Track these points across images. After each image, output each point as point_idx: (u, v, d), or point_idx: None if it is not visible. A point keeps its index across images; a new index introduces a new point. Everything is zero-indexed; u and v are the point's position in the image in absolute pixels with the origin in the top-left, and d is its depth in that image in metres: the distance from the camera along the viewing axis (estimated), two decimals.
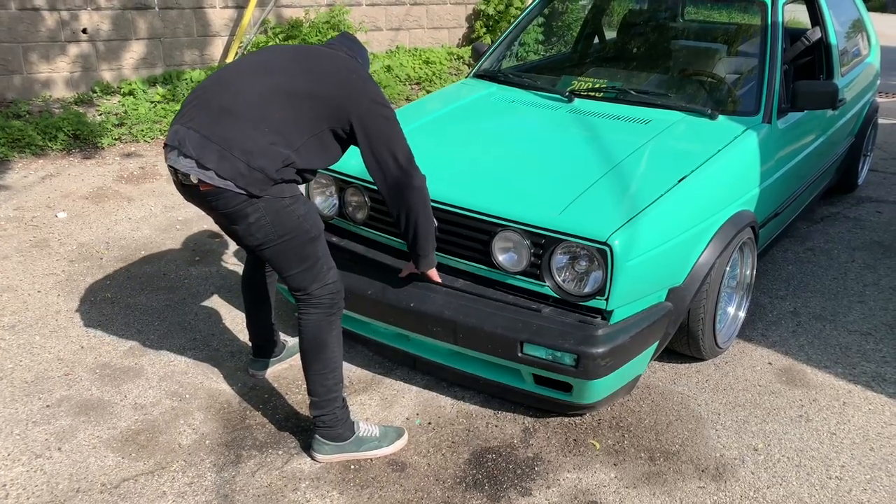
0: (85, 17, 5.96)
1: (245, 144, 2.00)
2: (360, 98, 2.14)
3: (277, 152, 2.03)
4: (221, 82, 2.11)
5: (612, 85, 3.40)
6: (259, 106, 2.04)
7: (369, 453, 2.32)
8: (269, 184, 2.02)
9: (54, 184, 4.65)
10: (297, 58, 2.18)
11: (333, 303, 2.22)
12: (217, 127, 2.02)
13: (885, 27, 12.61)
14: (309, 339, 2.21)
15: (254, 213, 2.05)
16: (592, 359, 2.22)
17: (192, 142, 2.01)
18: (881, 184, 5.01)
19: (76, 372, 2.74)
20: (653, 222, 2.37)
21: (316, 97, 2.10)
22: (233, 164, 1.99)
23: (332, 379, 2.24)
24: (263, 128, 2.02)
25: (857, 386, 2.74)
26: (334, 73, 2.15)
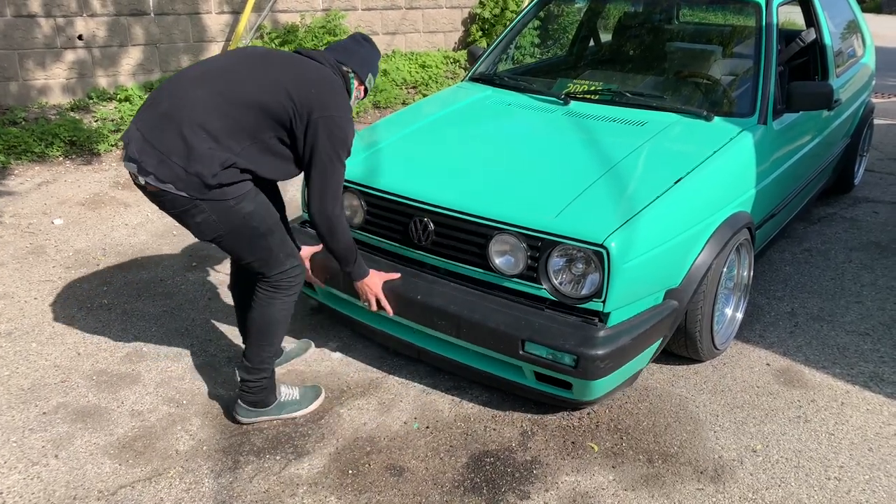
0: (80, 24, 5.95)
1: (182, 150, 2.08)
2: (310, 112, 2.15)
3: (214, 156, 2.09)
4: (173, 86, 2.18)
5: (608, 87, 3.41)
6: (199, 114, 2.10)
7: (290, 415, 2.50)
8: (207, 188, 2.11)
9: (51, 190, 4.64)
10: (254, 65, 2.20)
11: (291, 286, 2.35)
12: (158, 131, 2.11)
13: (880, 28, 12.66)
14: (262, 313, 2.35)
15: (199, 214, 2.16)
16: (592, 360, 2.22)
17: (136, 145, 2.12)
18: (877, 184, 5.02)
19: (73, 379, 2.73)
20: (649, 224, 2.37)
21: (259, 104, 2.13)
22: (171, 168, 2.08)
23: (269, 351, 2.40)
24: (201, 134, 2.09)
25: (855, 386, 2.74)
26: (288, 80, 2.16)
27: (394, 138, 3.07)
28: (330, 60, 2.31)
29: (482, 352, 2.47)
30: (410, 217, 2.60)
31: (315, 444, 2.41)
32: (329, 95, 2.19)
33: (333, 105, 2.18)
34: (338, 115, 2.19)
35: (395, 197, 2.64)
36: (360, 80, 2.40)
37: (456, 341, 2.49)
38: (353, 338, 3.04)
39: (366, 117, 6.72)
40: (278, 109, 2.14)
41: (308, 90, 2.16)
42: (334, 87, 2.23)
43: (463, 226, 2.49)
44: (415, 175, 2.75)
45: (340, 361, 2.89)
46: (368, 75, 2.41)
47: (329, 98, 2.19)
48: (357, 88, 2.42)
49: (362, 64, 2.37)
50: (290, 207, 4.43)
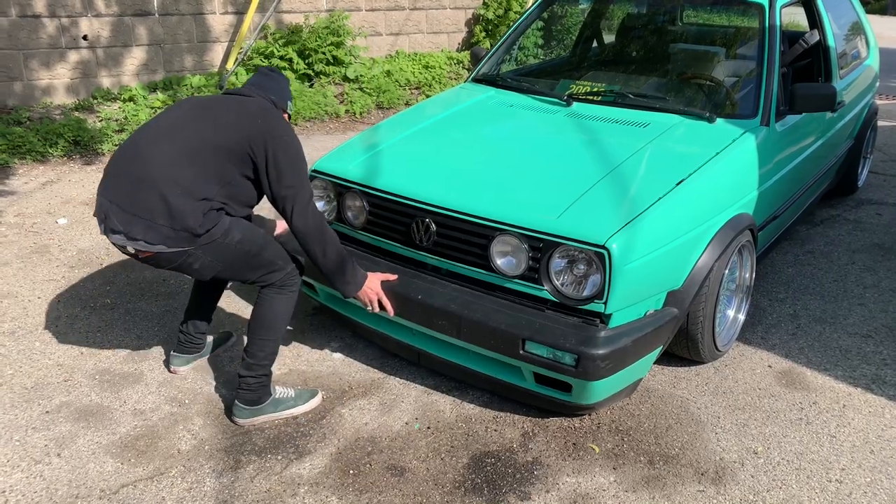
0: (85, 24, 5.98)
1: (164, 210, 2.18)
2: (262, 136, 2.27)
3: (194, 206, 2.21)
4: (135, 151, 2.28)
5: (611, 88, 3.41)
6: (169, 170, 2.21)
7: (286, 413, 2.52)
8: (197, 237, 2.23)
9: (55, 190, 4.66)
10: (200, 114, 2.33)
11: (294, 283, 2.46)
12: (136, 199, 2.20)
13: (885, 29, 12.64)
14: (267, 309, 2.43)
15: (196, 261, 2.29)
16: (592, 360, 2.22)
17: (118, 217, 2.21)
18: (881, 186, 5.01)
19: (76, 378, 2.74)
20: (651, 226, 2.37)
21: (218, 147, 2.26)
22: (158, 231, 2.19)
23: (271, 347, 2.46)
24: (176, 190, 2.19)
25: (857, 388, 2.74)
26: (235, 120, 2.30)
27: (396, 139, 3.07)
28: (258, 93, 2.44)
29: (482, 354, 2.47)
30: (412, 218, 2.60)
31: (316, 443, 2.42)
32: (273, 121, 2.35)
33: (280, 128, 2.33)
34: (287, 134, 2.33)
35: (397, 197, 2.64)
36: (283, 109, 2.53)
37: (456, 343, 2.49)
38: (354, 338, 3.05)
39: (369, 118, 6.73)
40: (237, 148, 2.27)
41: (255, 122, 2.30)
42: (273, 113, 2.39)
43: (465, 226, 2.50)
44: (417, 176, 2.75)
45: (342, 362, 2.89)
46: (288, 103, 2.55)
47: (274, 123, 2.34)
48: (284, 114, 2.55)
49: (280, 94, 2.51)
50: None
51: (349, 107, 6.75)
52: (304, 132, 6.17)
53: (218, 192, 2.28)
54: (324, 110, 6.54)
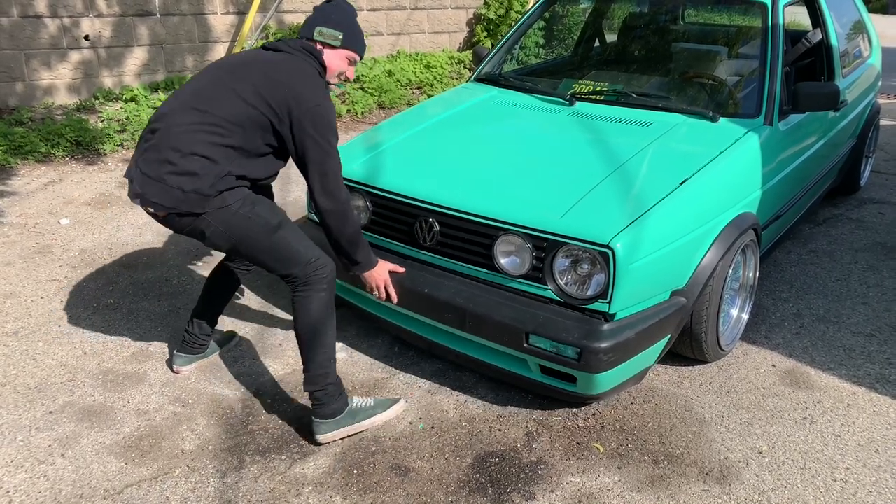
0: (86, 24, 5.97)
1: (176, 174, 2.16)
2: (288, 110, 2.18)
3: (208, 172, 2.17)
4: (157, 116, 2.26)
5: (614, 88, 3.40)
6: (185, 136, 2.18)
7: (366, 423, 2.41)
8: (207, 199, 2.18)
9: (57, 190, 4.66)
10: (224, 78, 2.24)
11: (321, 279, 2.30)
12: (152, 163, 2.20)
13: (886, 28, 12.62)
14: (301, 317, 2.30)
15: (207, 228, 2.23)
16: (595, 353, 2.23)
17: (137, 179, 2.22)
18: (883, 185, 5.00)
19: (79, 378, 2.74)
20: (655, 225, 2.37)
21: (239, 115, 2.19)
22: (170, 193, 2.17)
23: (322, 355, 2.33)
24: (191, 157, 2.17)
25: (861, 388, 2.74)
26: (265, 88, 2.19)
27: (399, 138, 3.07)
28: (295, 46, 2.29)
29: (489, 345, 2.47)
30: (416, 217, 2.60)
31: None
32: (301, 87, 2.20)
33: (309, 95, 2.20)
34: (315, 104, 2.19)
35: (400, 197, 2.64)
36: (327, 44, 2.33)
37: (464, 335, 2.50)
38: (357, 338, 3.05)
39: (371, 118, 6.73)
40: (258, 118, 2.20)
41: (280, 91, 2.19)
42: (305, 77, 2.23)
43: (468, 226, 2.50)
44: (420, 175, 2.75)
45: (345, 361, 2.89)
46: (316, 30, 2.31)
47: (302, 90, 2.20)
48: (330, 58, 2.35)
49: (314, 23, 2.32)
50: (295, 207, 4.43)
51: (351, 107, 6.75)
52: None
53: (236, 159, 2.22)
54: None
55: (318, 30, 2.32)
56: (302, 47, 2.31)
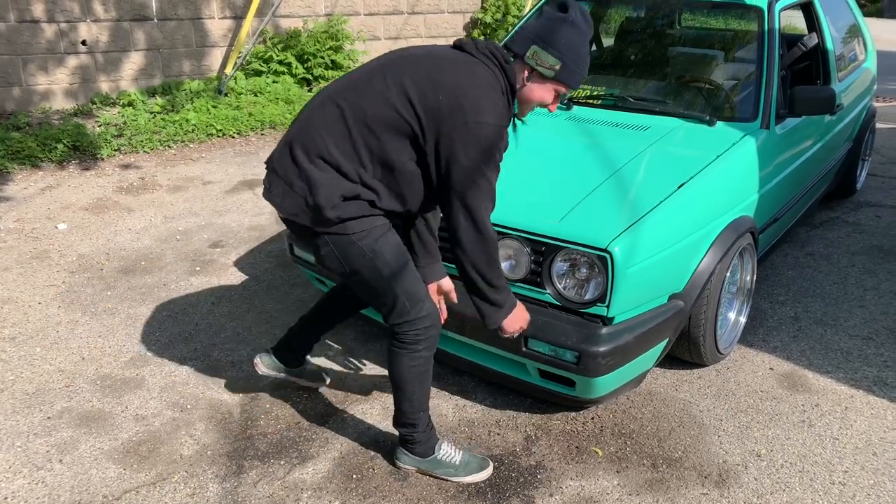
0: (84, 29, 5.98)
1: (302, 180, 1.93)
2: (439, 124, 1.83)
3: (335, 186, 1.89)
4: (307, 107, 2.01)
5: (611, 92, 3.41)
6: (318, 139, 1.91)
7: (443, 477, 2.27)
8: (328, 221, 1.92)
9: (54, 195, 4.65)
10: (388, 72, 1.90)
11: (417, 340, 2.07)
12: (284, 159, 1.98)
13: (881, 31, 12.68)
14: (392, 367, 2.15)
15: (323, 246, 1.99)
16: (593, 357, 2.23)
17: (268, 175, 2.03)
18: (880, 188, 5.02)
19: (77, 383, 2.73)
20: (653, 229, 2.37)
21: (382, 125, 1.87)
22: (293, 200, 1.95)
23: (409, 408, 2.19)
24: (321, 162, 1.91)
25: (858, 391, 2.74)
26: (418, 91, 1.84)
27: None
28: (485, 50, 1.90)
29: (488, 349, 2.48)
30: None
31: (319, 448, 2.41)
32: (464, 98, 1.80)
33: (471, 109, 1.79)
34: (474, 121, 1.80)
35: None
36: (525, 64, 1.91)
37: (463, 339, 2.50)
38: (356, 342, 3.05)
39: None
40: (401, 126, 1.85)
41: (435, 97, 1.82)
42: (477, 87, 1.83)
43: None
44: None
45: (344, 366, 2.89)
46: (530, 49, 1.88)
47: (464, 101, 1.80)
48: (533, 87, 1.95)
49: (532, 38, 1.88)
50: None
51: None
52: None
53: (371, 176, 1.90)
54: None
55: (533, 50, 1.89)
56: (492, 53, 1.90)
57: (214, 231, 4.16)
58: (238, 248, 3.94)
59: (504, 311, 2.05)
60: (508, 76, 1.91)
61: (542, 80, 1.95)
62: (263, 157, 5.56)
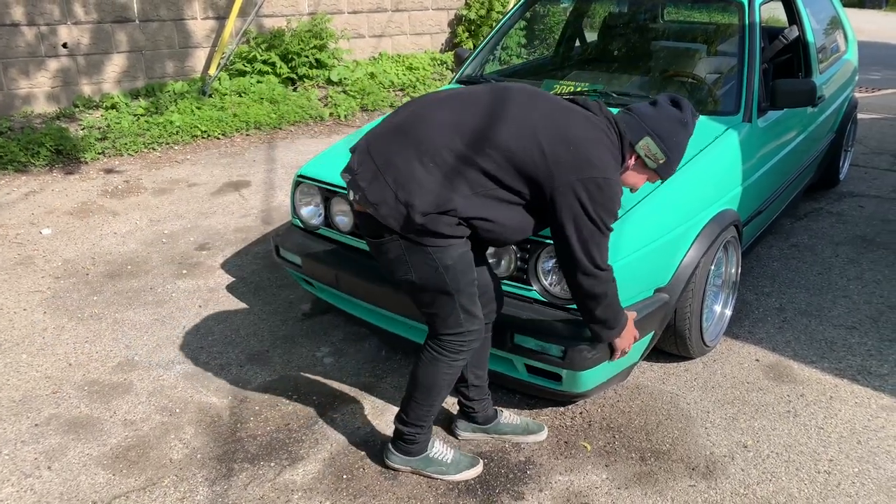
0: (64, 32, 5.93)
1: (401, 171, 1.85)
2: (563, 172, 1.83)
3: (433, 192, 1.83)
4: (416, 103, 1.98)
5: (594, 87, 3.42)
6: (436, 137, 1.85)
7: (435, 476, 2.27)
8: (413, 225, 1.85)
9: (38, 200, 4.62)
10: (516, 104, 1.90)
11: (460, 350, 2.07)
12: (383, 143, 1.90)
13: (862, 22, 12.78)
14: (424, 372, 2.12)
15: (394, 250, 1.92)
16: (579, 351, 2.24)
17: (359, 155, 1.93)
18: (862, 178, 5.07)
19: (64, 389, 2.72)
20: (637, 224, 2.39)
21: (507, 152, 1.84)
22: (382, 189, 1.85)
23: (426, 410, 2.18)
24: (429, 163, 1.84)
25: (843, 380, 2.77)
26: (549, 137, 1.85)
27: None
28: (605, 112, 1.98)
29: None
30: None
31: (309, 449, 2.42)
32: (589, 153, 1.85)
33: (595, 164, 1.85)
34: (599, 175, 1.84)
35: None
36: (632, 150, 1.99)
37: None
38: (345, 342, 3.05)
39: (354, 121, 6.73)
40: (526, 162, 1.84)
41: (566, 148, 1.84)
42: (599, 145, 1.89)
43: None
44: None
45: (332, 366, 2.89)
46: (644, 140, 1.96)
47: (589, 155, 1.85)
48: (631, 171, 2.04)
49: (647, 129, 1.96)
50: (279, 213, 4.40)
51: (333, 110, 6.74)
52: (289, 136, 6.16)
53: (472, 197, 1.85)
54: (308, 114, 6.53)
55: (646, 141, 1.97)
56: (611, 121, 1.96)
57: (200, 233, 4.14)
58: (224, 250, 3.93)
59: (617, 331, 2.15)
60: (621, 146, 1.97)
61: (643, 169, 2.05)
62: (249, 158, 5.54)
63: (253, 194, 4.78)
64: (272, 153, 5.69)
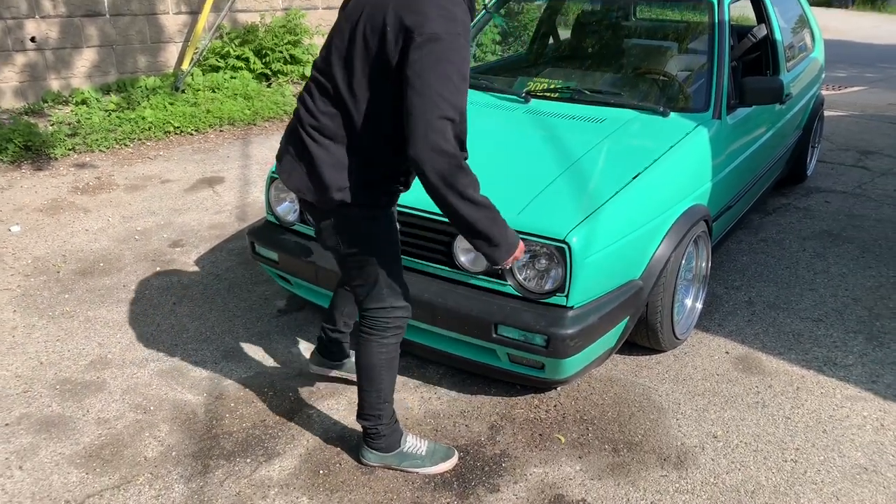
0: (32, 26, 5.82)
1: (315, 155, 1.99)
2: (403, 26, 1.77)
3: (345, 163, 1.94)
4: None
5: (567, 85, 3.46)
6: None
7: (412, 469, 2.29)
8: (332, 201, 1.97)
9: (6, 197, 4.54)
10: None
11: (387, 327, 2.13)
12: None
13: (830, 21, 13.01)
14: (361, 356, 2.18)
15: (326, 224, 2.06)
16: (562, 339, 2.29)
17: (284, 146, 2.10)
18: (829, 174, 5.18)
19: (35, 388, 2.69)
20: (609, 219, 2.43)
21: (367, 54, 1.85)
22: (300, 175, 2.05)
23: (375, 398, 2.21)
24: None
25: (809, 371, 2.84)
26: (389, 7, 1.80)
27: None
28: None
29: (457, 337, 2.51)
30: None
31: (285, 445, 2.42)
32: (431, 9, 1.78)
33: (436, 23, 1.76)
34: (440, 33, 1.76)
35: None
36: None
37: (431, 328, 2.53)
38: None
39: None
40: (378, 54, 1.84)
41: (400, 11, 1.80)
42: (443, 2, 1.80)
43: (428, 224, 2.52)
44: None
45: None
46: None
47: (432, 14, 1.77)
48: None
49: None
50: (254, 209, 4.38)
51: None
52: (264, 132, 6.12)
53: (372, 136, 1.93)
54: (283, 110, 6.49)
55: None
56: None
57: (174, 230, 4.11)
58: (199, 246, 3.90)
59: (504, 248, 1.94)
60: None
61: None
62: (223, 154, 5.50)
63: (227, 190, 4.74)
64: (246, 149, 5.65)
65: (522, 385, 2.68)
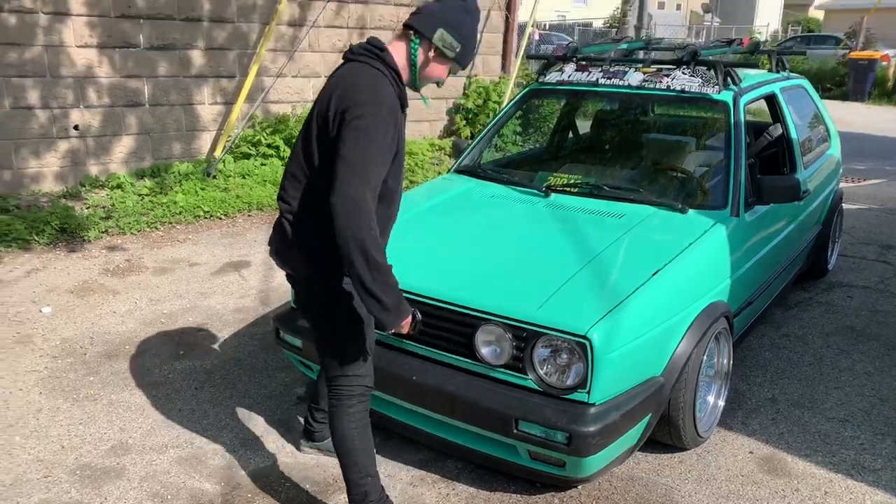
0: (76, 115, 6.13)
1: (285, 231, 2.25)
2: (339, 110, 2.02)
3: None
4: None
5: (587, 181, 3.55)
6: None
7: None
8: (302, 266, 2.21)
9: (40, 278, 4.67)
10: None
11: (351, 395, 2.23)
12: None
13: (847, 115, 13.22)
14: (333, 431, 2.27)
15: (306, 289, 2.28)
16: (584, 437, 2.27)
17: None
18: (851, 268, 5.16)
19: (56, 474, 2.70)
20: (630, 315, 2.45)
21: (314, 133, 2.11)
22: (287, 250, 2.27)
23: (356, 472, 2.25)
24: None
25: (837, 474, 2.77)
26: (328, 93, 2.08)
27: None
28: (371, 49, 2.10)
29: (475, 431, 2.49)
30: None
31: None
32: (355, 89, 2.03)
33: (359, 97, 2.01)
34: (362, 107, 1.99)
35: None
36: (429, 43, 2.09)
37: (449, 421, 2.52)
38: None
39: None
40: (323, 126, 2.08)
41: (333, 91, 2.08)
42: (365, 79, 2.05)
43: (450, 316, 2.56)
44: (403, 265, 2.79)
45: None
46: (438, 31, 2.06)
47: (356, 92, 2.03)
48: (433, 66, 2.16)
49: (450, 27, 2.07)
50: (278, 292, 4.46)
51: None
52: None
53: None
54: None
55: (440, 33, 2.07)
56: (367, 50, 2.11)
57: (199, 314, 4.18)
58: (222, 330, 3.96)
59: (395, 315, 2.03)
60: (391, 72, 2.11)
61: (443, 59, 2.15)
62: (250, 239, 5.64)
63: (253, 274, 4.84)
64: None
65: (543, 483, 2.64)
